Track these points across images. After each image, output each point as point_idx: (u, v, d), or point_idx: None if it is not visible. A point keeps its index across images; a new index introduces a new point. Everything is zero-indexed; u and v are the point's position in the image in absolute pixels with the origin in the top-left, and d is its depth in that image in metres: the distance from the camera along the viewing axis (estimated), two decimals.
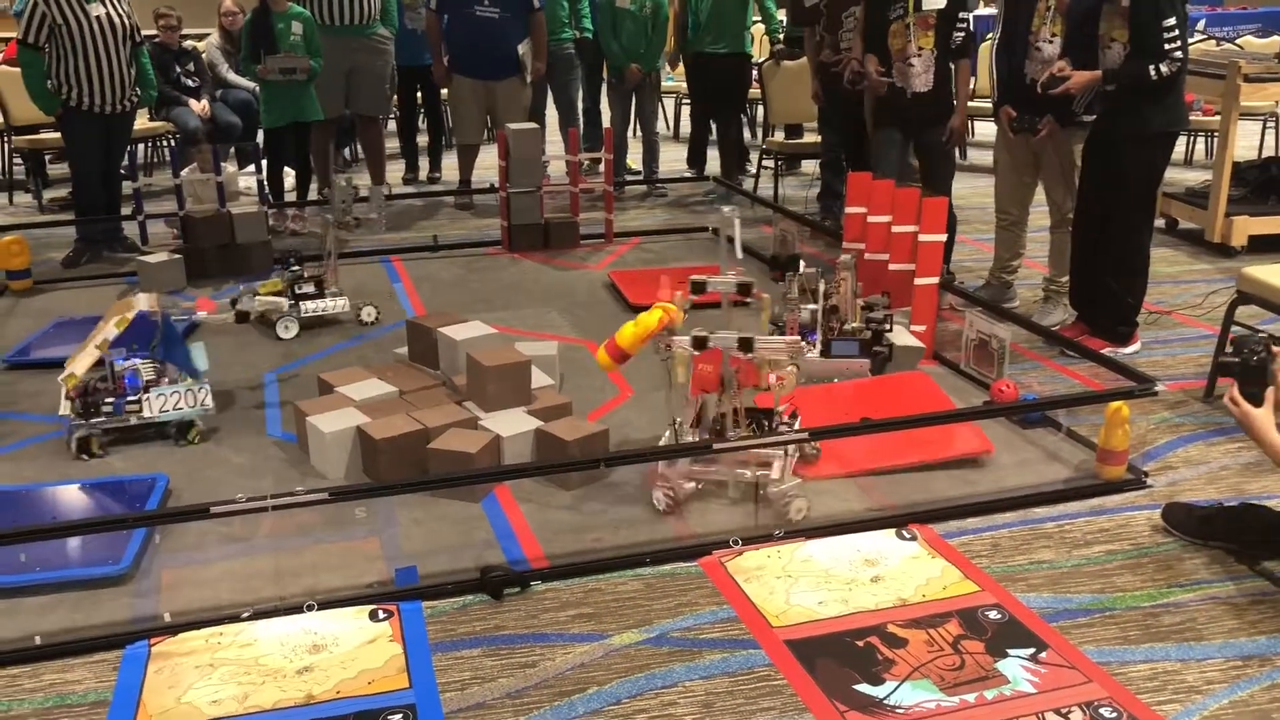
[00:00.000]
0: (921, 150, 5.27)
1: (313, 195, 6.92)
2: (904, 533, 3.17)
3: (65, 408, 3.63)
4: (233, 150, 7.58)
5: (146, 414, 3.66)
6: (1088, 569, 3.01)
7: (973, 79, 5.55)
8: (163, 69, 7.27)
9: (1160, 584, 2.94)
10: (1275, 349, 2.82)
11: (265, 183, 6.33)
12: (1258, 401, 2.82)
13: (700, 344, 3.33)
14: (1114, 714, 2.42)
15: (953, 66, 5.08)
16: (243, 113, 7.72)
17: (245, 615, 2.75)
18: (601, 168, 6.60)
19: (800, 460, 3.46)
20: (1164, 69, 4.02)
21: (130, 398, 3.65)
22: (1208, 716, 2.43)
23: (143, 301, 3.75)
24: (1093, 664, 2.60)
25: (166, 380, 3.71)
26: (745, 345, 3.27)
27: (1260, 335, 2.92)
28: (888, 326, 4.28)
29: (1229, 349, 2.91)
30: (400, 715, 2.41)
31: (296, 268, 4.86)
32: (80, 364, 3.64)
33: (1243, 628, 2.75)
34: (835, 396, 3.98)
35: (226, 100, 7.82)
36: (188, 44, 7.91)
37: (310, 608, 2.78)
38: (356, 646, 2.65)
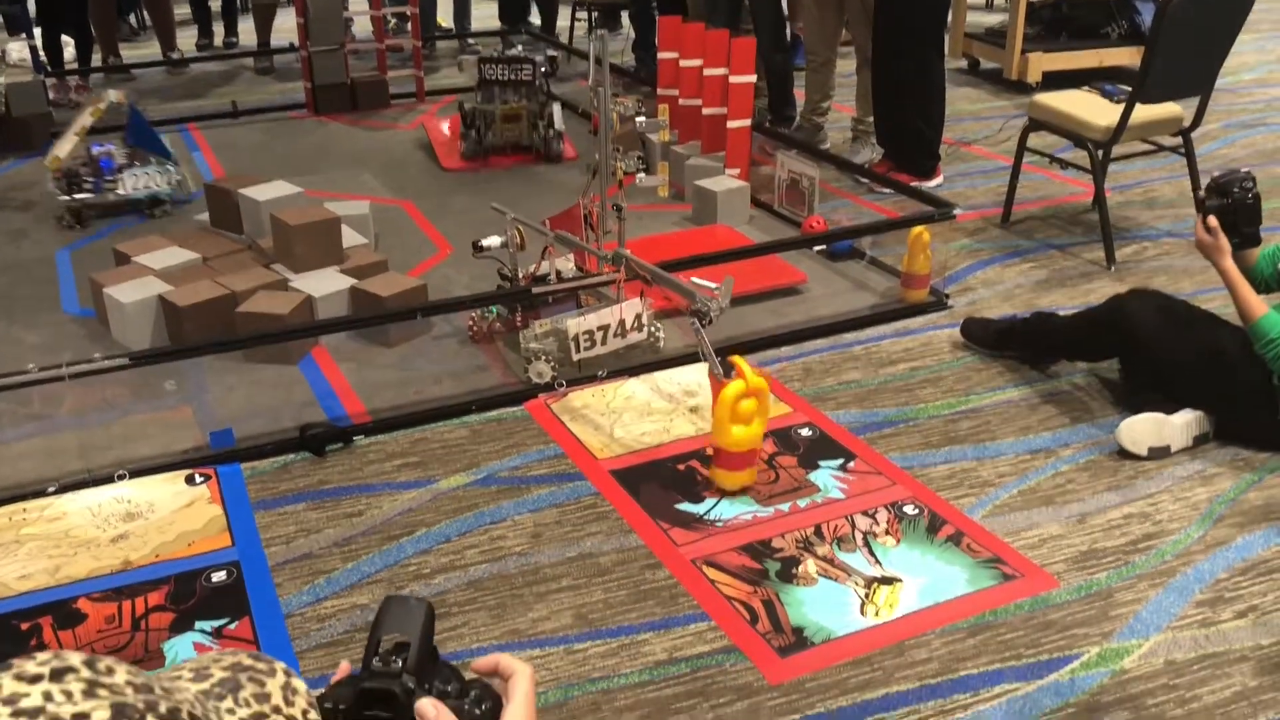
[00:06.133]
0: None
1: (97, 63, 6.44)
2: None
3: (52, 186, 4.26)
4: (0, 17, 6.94)
5: (122, 192, 4.32)
6: (892, 385, 3.17)
7: None
8: None
9: (959, 394, 3.12)
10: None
11: (40, 50, 5.83)
12: (1255, 241, 2.78)
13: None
14: (916, 510, 2.59)
15: None
16: None
17: (51, 490, 2.64)
18: (409, 25, 6.34)
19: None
20: None
21: (108, 178, 4.30)
22: (999, 505, 2.63)
23: (112, 95, 4.52)
24: (897, 468, 2.76)
25: (138, 163, 4.37)
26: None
27: (1242, 170, 2.79)
28: None
29: (1209, 190, 2.77)
30: (224, 572, 2.38)
31: None
32: (62, 149, 4.24)
33: (1032, 426, 2.96)
34: (655, 245, 4.02)
35: None
36: None
37: (121, 477, 2.69)
38: (174, 511, 2.59)
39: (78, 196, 4.26)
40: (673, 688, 2.09)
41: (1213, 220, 2.75)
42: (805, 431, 2.91)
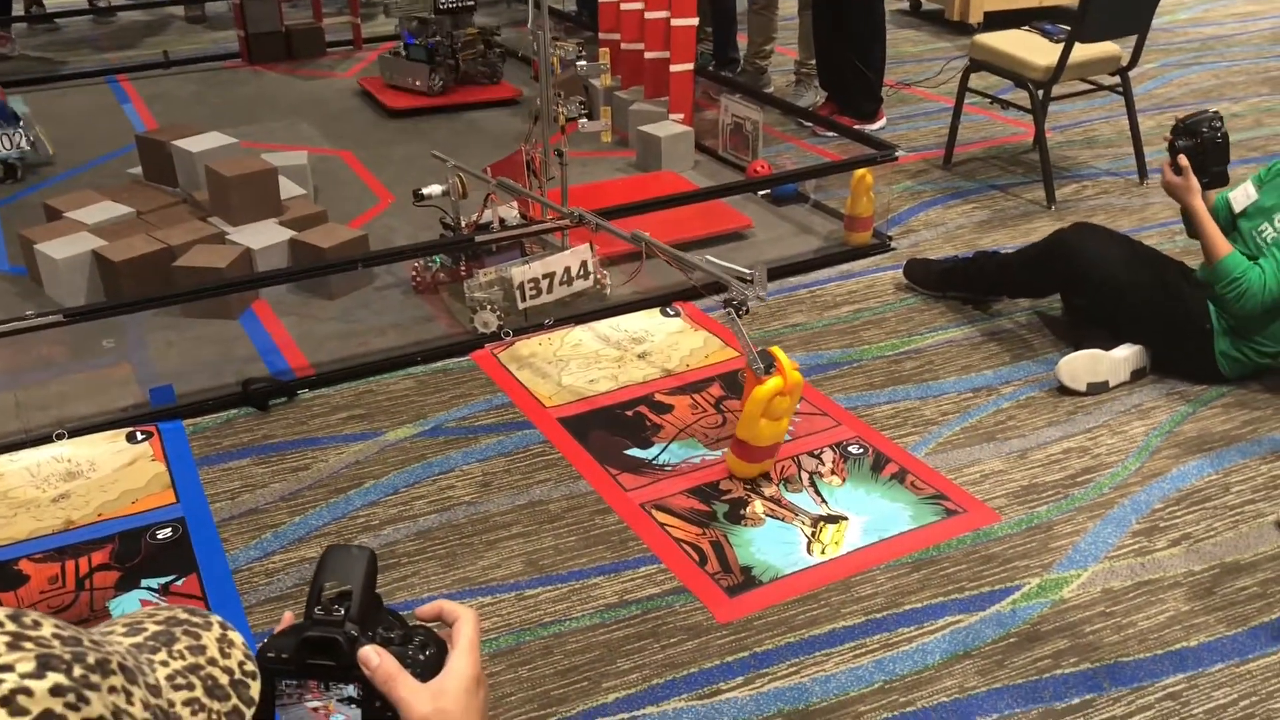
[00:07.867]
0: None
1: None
2: (668, 310, 3.26)
3: None
4: None
5: None
6: (837, 328, 3.19)
7: None
8: None
9: (902, 334, 3.15)
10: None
11: None
12: (1224, 180, 2.76)
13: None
14: (860, 449, 2.62)
15: None
16: None
17: None
18: None
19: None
20: None
21: None
22: (942, 442, 2.67)
23: None
24: (842, 409, 2.79)
25: None
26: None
27: (1210, 110, 2.78)
28: None
29: (1178, 131, 2.76)
30: (169, 529, 2.36)
31: None
32: None
33: (974, 364, 3.00)
34: (600, 192, 3.99)
35: None
36: None
37: (60, 436, 2.64)
38: (116, 469, 2.55)
39: None
40: (623, 630, 2.11)
41: (1183, 160, 2.75)
42: None
